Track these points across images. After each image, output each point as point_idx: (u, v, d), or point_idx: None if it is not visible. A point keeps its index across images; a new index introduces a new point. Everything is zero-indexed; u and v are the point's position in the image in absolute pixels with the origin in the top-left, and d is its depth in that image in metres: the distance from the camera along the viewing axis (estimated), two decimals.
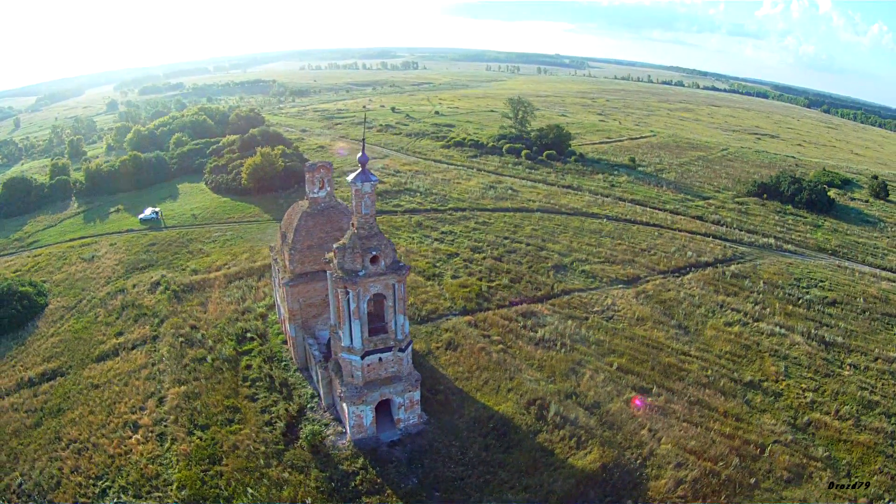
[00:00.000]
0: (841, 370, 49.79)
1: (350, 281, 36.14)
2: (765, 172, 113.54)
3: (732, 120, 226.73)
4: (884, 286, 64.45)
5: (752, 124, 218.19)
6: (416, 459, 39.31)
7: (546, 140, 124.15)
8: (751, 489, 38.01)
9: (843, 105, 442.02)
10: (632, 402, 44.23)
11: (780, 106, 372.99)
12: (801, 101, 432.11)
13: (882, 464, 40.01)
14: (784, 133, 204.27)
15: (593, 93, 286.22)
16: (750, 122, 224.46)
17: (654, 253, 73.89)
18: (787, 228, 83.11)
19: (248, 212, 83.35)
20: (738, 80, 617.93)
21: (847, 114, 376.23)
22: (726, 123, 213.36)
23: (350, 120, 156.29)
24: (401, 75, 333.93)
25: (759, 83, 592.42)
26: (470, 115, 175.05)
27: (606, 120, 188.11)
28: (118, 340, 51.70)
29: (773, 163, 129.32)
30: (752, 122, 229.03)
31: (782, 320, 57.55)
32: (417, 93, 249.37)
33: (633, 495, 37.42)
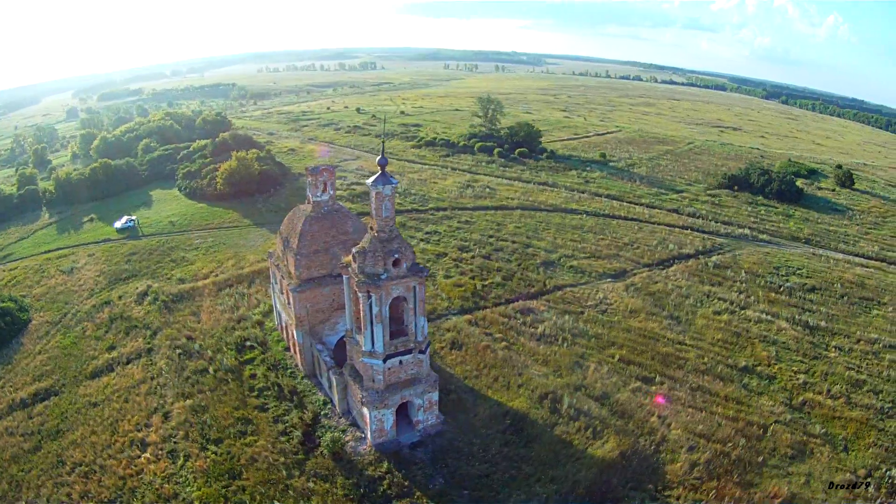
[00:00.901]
0: (827, 352, 52.55)
1: (373, 285, 35.84)
2: (732, 165, 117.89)
3: (694, 113, 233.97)
4: (858, 272, 68.15)
5: (714, 117, 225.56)
6: (440, 459, 39.39)
7: (517, 138, 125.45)
8: (759, 467, 39.79)
9: (801, 96, 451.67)
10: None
11: (739, 98, 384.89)
12: (759, 93, 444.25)
13: (876, 437, 42.54)
14: (746, 125, 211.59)
15: (554, 89, 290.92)
16: (712, 115, 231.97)
17: (637, 247, 75.83)
18: (760, 219, 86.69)
19: (226, 217, 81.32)
20: (695, 73, 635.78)
21: (805, 104, 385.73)
22: (689, 117, 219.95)
23: (316, 122, 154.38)
24: (360, 76, 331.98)
25: (716, 76, 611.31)
26: (436, 115, 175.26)
27: (571, 116, 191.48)
28: (111, 355, 49.60)
29: (739, 155, 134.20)
30: (713, 115, 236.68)
31: (767, 307, 60.19)
32: (379, 93, 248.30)
33: (652, 480, 38.60)
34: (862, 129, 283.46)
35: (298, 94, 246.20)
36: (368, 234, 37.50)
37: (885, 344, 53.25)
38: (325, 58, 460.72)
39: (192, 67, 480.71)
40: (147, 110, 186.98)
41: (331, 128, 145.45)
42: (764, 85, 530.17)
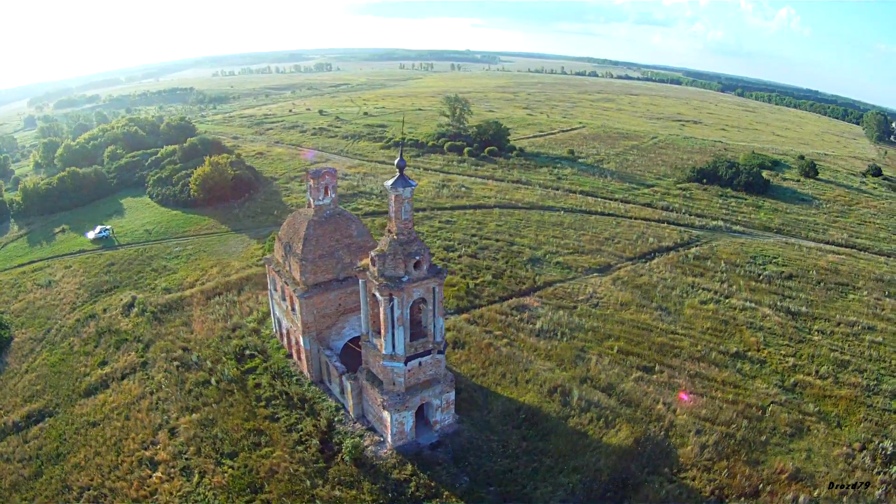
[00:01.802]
0: (811, 336, 55.39)
1: (396, 288, 35.61)
2: (698, 158, 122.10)
3: (654, 108, 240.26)
4: (831, 258, 71.96)
5: (673, 111, 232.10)
6: (461, 458, 39.52)
7: (486, 136, 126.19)
8: (763, 446, 41.73)
9: (756, 88, 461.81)
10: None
11: (696, 91, 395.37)
12: (714, 86, 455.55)
13: (865, 413, 45.24)
14: (706, 118, 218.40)
15: (512, 87, 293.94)
16: (671, 110, 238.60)
17: (617, 241, 77.70)
18: (731, 211, 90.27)
19: (203, 224, 79.03)
20: (649, 67, 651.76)
21: (762, 96, 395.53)
22: (649, 112, 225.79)
23: (280, 125, 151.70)
24: (316, 77, 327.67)
25: (670, 70, 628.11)
26: (399, 115, 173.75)
27: (534, 113, 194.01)
28: (103, 371, 47.41)
29: (703, 148, 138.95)
30: (673, 109, 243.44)
31: (749, 296, 62.85)
32: (338, 94, 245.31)
33: (667, 463, 39.91)
34: (819, 119, 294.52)
35: (257, 98, 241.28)
36: (386, 237, 37.21)
37: (864, 326, 56.60)
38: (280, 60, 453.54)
39: (146, 73, 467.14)
40: (107, 117, 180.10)
41: (296, 130, 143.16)
42: (718, 78, 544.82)
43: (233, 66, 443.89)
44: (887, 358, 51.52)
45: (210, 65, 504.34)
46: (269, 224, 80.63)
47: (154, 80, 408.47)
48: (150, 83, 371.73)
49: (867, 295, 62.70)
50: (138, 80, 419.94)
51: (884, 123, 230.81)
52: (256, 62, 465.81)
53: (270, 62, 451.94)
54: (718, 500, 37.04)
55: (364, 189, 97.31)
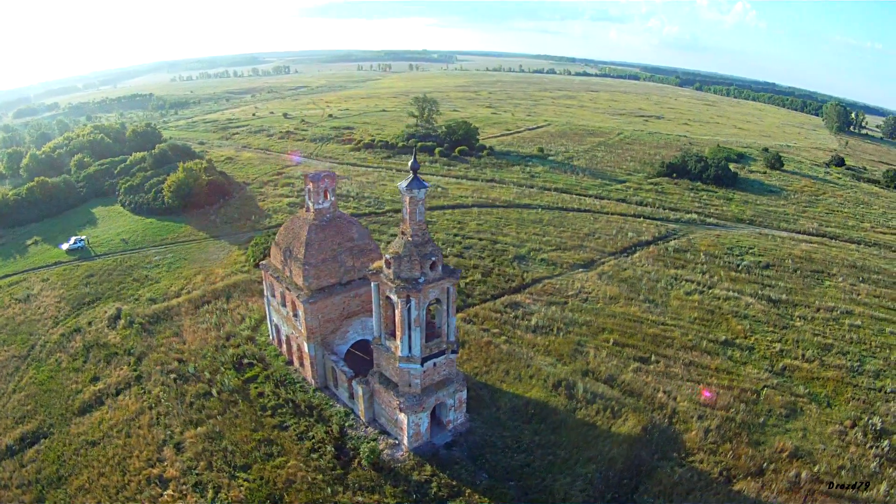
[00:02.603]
0: (793, 322, 58.02)
1: (413, 289, 35.47)
2: (665, 153, 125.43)
3: (615, 104, 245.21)
4: (804, 247, 75.41)
5: (635, 107, 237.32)
6: (478, 456, 39.70)
7: (456, 136, 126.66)
8: (761, 427, 43.63)
9: (714, 82, 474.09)
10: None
11: (655, 87, 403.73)
12: (672, 81, 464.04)
13: (852, 392, 47.85)
14: (667, 113, 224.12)
15: (472, 86, 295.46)
16: (633, 105, 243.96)
17: (598, 237, 79.31)
18: (703, 204, 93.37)
19: (180, 232, 76.72)
20: (606, 63, 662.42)
21: (720, 90, 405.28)
22: (611, 108, 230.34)
23: (245, 129, 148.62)
24: (275, 80, 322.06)
25: (628, 66, 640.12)
26: (364, 117, 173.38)
27: (498, 112, 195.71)
28: (96, 387, 45.36)
29: (668, 143, 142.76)
30: (634, 104, 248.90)
31: (731, 285, 65.29)
32: (299, 97, 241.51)
33: (675, 449, 41.23)
34: (778, 111, 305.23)
35: (218, 102, 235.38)
36: (400, 239, 37.01)
37: (842, 311, 59.65)
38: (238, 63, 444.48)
39: (104, 79, 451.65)
40: (68, 125, 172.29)
41: (262, 134, 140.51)
42: (676, 73, 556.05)
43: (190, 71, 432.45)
44: (867, 340, 54.53)
45: (167, 70, 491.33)
46: (247, 229, 78.90)
47: (112, 86, 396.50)
48: (108, 90, 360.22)
49: (842, 281, 66.10)
50: (96, 86, 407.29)
51: (843, 114, 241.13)
52: (214, 66, 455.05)
53: (228, 66, 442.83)
54: (727, 480, 38.48)
55: (340, 192, 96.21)
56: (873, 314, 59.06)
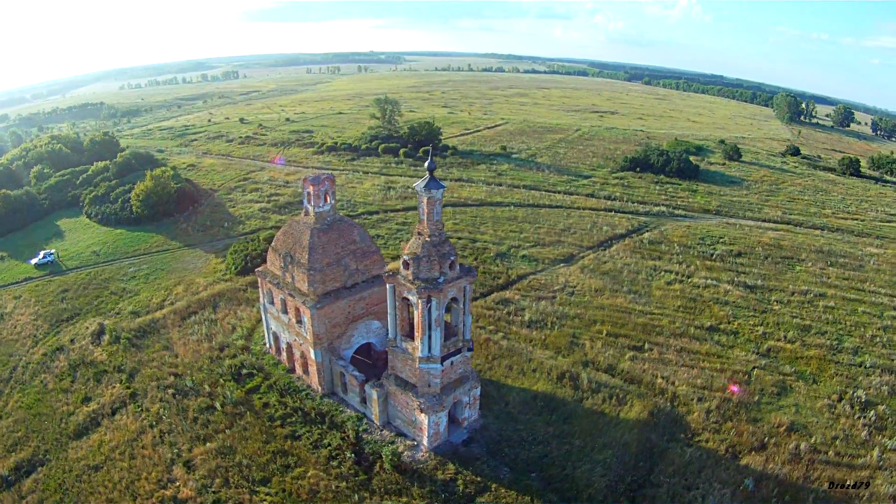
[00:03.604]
0: (771, 306, 61.11)
1: (434, 289, 35.44)
2: (624, 148, 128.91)
3: (568, 101, 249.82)
4: (772, 235, 79.32)
5: (588, 103, 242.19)
6: (496, 451, 40.06)
7: (419, 136, 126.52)
8: (757, 405, 45.94)
9: (662, 76, 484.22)
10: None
11: (605, 82, 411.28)
12: (621, 76, 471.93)
13: (835, 369, 50.92)
14: (621, 108, 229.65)
15: (424, 86, 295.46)
16: (586, 101, 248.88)
17: (574, 232, 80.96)
18: (669, 196, 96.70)
19: (152, 242, 73.75)
20: (554, 60, 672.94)
21: (669, 84, 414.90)
22: (564, 104, 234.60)
23: (203, 135, 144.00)
24: (225, 85, 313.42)
25: (576, 62, 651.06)
26: (321, 120, 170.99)
27: (455, 112, 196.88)
28: (89, 408, 43.04)
29: (626, 138, 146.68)
30: (587, 100, 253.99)
31: (707, 274, 68.08)
32: (251, 102, 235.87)
33: (681, 430, 42.88)
34: (728, 103, 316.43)
35: (170, 109, 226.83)
36: (417, 240, 36.83)
37: (815, 294, 63.28)
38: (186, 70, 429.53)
39: (51, 89, 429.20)
40: (21, 136, 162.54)
41: (221, 140, 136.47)
42: (623, 68, 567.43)
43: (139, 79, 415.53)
44: (842, 320, 58.10)
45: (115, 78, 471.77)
46: (221, 237, 76.59)
47: (61, 96, 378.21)
48: (57, 100, 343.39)
49: (812, 265, 70.05)
50: (44, 97, 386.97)
51: (794, 105, 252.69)
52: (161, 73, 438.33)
53: (176, 72, 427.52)
54: (733, 456, 40.34)
55: None
56: (844, 296, 62.99)
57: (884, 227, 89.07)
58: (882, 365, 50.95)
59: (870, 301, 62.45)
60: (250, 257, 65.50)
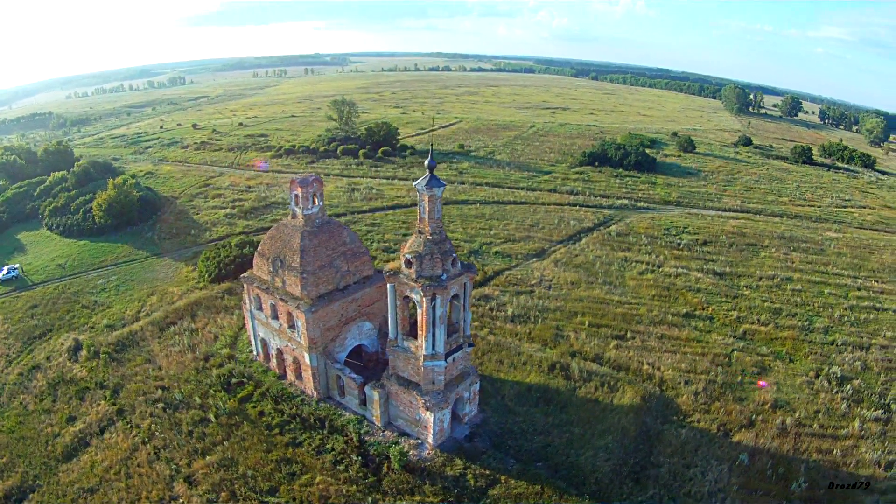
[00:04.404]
0: (742, 291, 64.07)
1: (439, 286, 35.55)
2: (580, 143, 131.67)
3: (519, 98, 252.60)
4: (733, 223, 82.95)
5: (538, 99, 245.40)
6: (500, 444, 40.55)
7: (377, 137, 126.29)
8: (740, 385, 48.21)
9: (608, 71, 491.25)
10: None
11: (552, 79, 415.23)
12: (568, 72, 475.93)
13: (809, 348, 53.99)
14: (571, 104, 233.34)
15: (373, 87, 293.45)
16: (536, 98, 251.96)
17: (542, 227, 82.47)
18: (630, 189, 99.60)
19: (118, 252, 70.75)
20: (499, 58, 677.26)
21: (616, 78, 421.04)
22: (515, 101, 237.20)
23: (157, 142, 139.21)
24: (172, 92, 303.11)
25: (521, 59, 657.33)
26: (275, 123, 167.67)
27: (407, 112, 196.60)
28: (76, 428, 40.88)
29: (581, 133, 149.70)
30: (537, 97, 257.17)
31: (677, 263, 70.70)
32: (201, 107, 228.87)
33: (672, 412, 44.59)
34: (676, 96, 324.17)
35: (119, 117, 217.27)
36: (418, 238, 36.84)
37: (782, 278, 66.74)
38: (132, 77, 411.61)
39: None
40: None
41: (176, 146, 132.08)
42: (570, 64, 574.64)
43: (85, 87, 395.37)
44: (810, 302, 61.56)
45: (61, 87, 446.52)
46: (188, 244, 74.26)
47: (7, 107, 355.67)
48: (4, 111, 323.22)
49: (776, 251, 73.75)
50: None
51: (742, 96, 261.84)
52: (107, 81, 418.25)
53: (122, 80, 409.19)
54: (725, 434, 42.24)
55: (275, 200, 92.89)
56: (810, 279, 66.72)
57: (840, 212, 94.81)
58: (852, 342, 54.43)
59: (834, 283, 66.49)
60: (223, 264, 63.76)
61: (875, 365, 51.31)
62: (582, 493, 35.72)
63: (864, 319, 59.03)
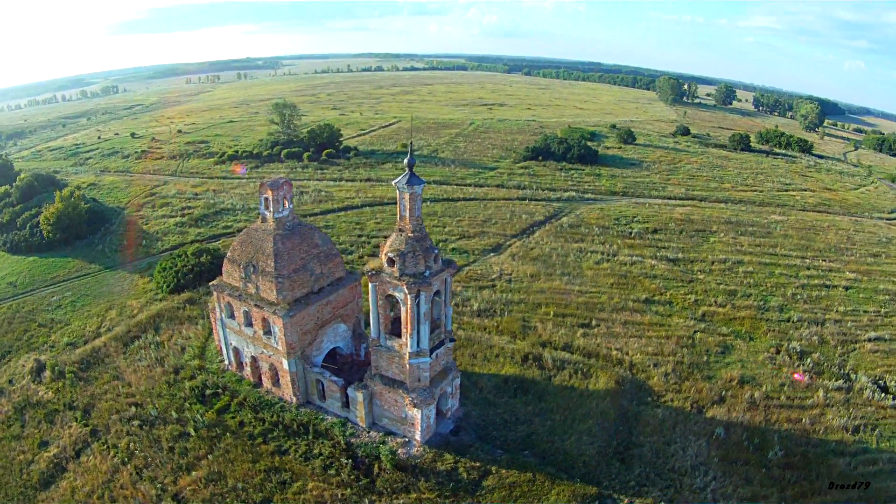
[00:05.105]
0: (696, 276, 67.51)
1: (423, 283, 35.95)
2: (521, 138, 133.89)
3: (454, 95, 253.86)
4: (680, 211, 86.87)
5: (474, 97, 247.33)
6: (485, 436, 41.33)
7: (320, 140, 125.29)
8: (707, 365, 50.99)
9: (541, 66, 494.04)
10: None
11: (485, 75, 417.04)
12: (501, 68, 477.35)
13: (766, 326, 57.59)
14: (507, 100, 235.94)
15: (308, 89, 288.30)
16: (472, 95, 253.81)
17: (495, 222, 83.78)
18: (576, 182, 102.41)
19: (70, 267, 67.53)
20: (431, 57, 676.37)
21: (549, 73, 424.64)
22: (451, 99, 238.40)
23: (97, 153, 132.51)
24: (107, 101, 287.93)
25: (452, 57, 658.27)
26: (214, 129, 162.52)
27: (346, 113, 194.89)
28: (49, 453, 38.69)
29: (520, 128, 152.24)
30: (473, 94, 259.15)
31: (630, 251, 73.58)
32: (137, 116, 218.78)
33: (646, 394, 46.72)
34: (610, 89, 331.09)
35: (55, 129, 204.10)
36: (399, 236, 37.08)
37: (733, 261, 70.69)
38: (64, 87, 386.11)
39: None
40: None
41: (117, 156, 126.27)
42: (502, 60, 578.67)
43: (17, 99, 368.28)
44: (762, 283, 65.58)
45: None
46: (141, 256, 71.50)
47: None
48: None
49: (724, 236, 77.96)
50: None
51: (676, 86, 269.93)
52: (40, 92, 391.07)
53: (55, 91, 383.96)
54: (699, 410, 44.62)
55: (224, 206, 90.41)
56: (760, 261, 70.97)
57: (782, 195, 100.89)
58: (807, 318, 58.52)
59: (784, 264, 71.02)
60: (181, 274, 61.82)
61: (831, 339, 55.55)
62: (572, 476, 36.95)
63: (815, 297, 63.57)
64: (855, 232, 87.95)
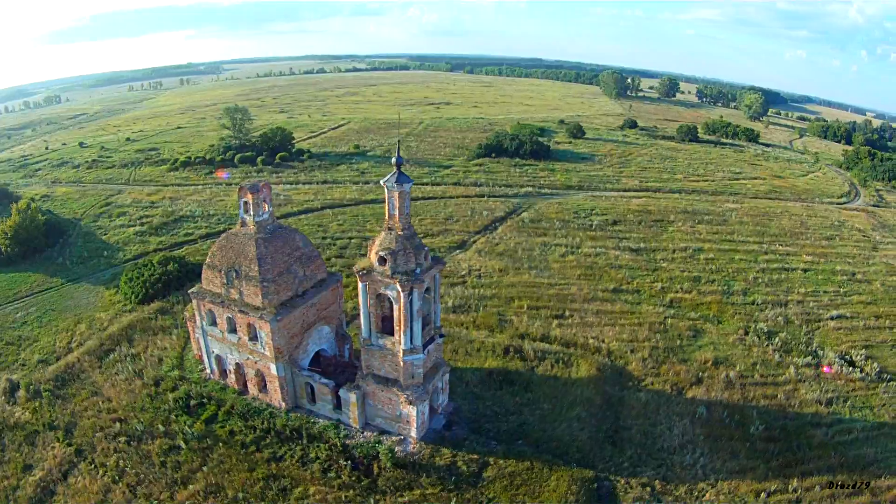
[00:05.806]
0: (660, 264, 70.28)
1: (416, 280, 36.46)
2: (471, 136, 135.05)
3: (400, 95, 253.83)
4: (637, 202, 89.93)
5: (420, 96, 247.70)
6: (478, 429, 42.17)
7: (273, 143, 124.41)
8: (681, 348, 53.47)
9: (483, 63, 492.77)
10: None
11: (429, 74, 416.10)
12: (443, 67, 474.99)
13: (733, 310, 60.70)
14: (453, 98, 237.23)
15: (252, 94, 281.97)
16: (417, 94, 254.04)
17: (456, 219, 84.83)
18: (531, 177, 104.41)
19: (31, 282, 64.74)
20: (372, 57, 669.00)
21: (492, 70, 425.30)
22: (397, 99, 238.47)
23: (46, 163, 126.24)
24: (50, 111, 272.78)
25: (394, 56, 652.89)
26: (163, 136, 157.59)
27: (294, 116, 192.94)
28: (35, 477, 36.81)
29: (470, 126, 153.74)
30: (418, 93, 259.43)
31: (593, 243, 75.92)
32: (82, 125, 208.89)
33: (627, 378, 48.80)
34: (553, 84, 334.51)
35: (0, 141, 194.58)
36: (388, 235, 37.46)
37: (693, 249, 73.93)
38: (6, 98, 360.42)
39: None
40: None
41: (68, 166, 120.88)
42: (444, 59, 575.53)
43: None
44: (724, 268, 68.99)
45: None
46: (104, 267, 69.04)
47: None
48: None
49: (682, 225, 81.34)
50: None
51: (620, 81, 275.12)
52: None
53: None
54: (678, 392, 46.89)
55: (183, 213, 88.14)
56: (719, 248, 74.53)
57: (733, 184, 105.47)
58: (771, 300, 62.01)
59: (743, 250, 74.79)
60: (149, 283, 60.21)
61: (796, 318, 59.14)
62: (568, 462, 38.29)
63: (776, 280, 67.39)
64: (808, 217, 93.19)
